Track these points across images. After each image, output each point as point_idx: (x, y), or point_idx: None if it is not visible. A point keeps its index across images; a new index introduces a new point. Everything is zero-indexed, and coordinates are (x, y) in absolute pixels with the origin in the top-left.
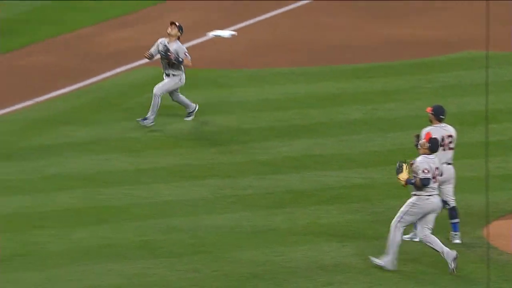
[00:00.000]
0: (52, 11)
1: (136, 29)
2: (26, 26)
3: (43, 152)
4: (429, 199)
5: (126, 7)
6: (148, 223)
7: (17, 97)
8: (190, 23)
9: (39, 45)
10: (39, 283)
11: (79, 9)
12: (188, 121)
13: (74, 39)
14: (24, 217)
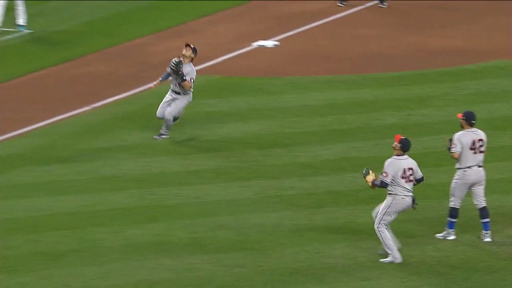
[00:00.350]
0: (108, 24)
1: (185, 39)
2: (84, 37)
3: (99, 155)
4: (404, 198)
5: (175, 19)
6: (197, 221)
7: (76, 103)
8: (236, 34)
9: (96, 55)
10: (95, 277)
11: (132, 21)
12: (225, 127)
13: (128, 49)
14: (81, 215)
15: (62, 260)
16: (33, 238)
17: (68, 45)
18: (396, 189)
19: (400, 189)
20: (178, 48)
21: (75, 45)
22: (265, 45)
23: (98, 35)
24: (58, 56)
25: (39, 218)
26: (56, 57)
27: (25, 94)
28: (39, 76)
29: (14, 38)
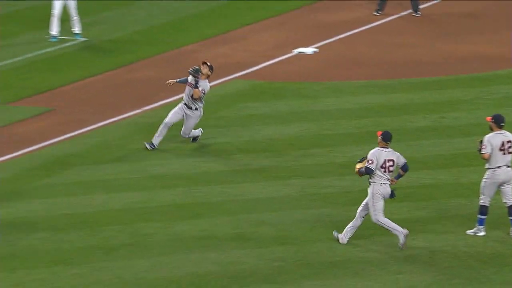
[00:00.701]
0: (157, 32)
1: (229, 47)
2: (135, 45)
3: (149, 155)
4: (382, 185)
5: (220, 28)
6: (240, 218)
7: (127, 107)
8: (277, 42)
9: (146, 61)
10: (145, 269)
11: (180, 30)
12: (268, 129)
13: (176, 56)
14: (132, 212)
15: (114, 253)
16: (88, 232)
17: (120, 52)
18: (374, 178)
19: (378, 177)
20: (223, 54)
21: (127, 52)
22: (305, 51)
23: (148, 43)
24: (111, 62)
25: (94, 214)
26: (109, 64)
27: (81, 98)
28: (93, 81)
29: (71, 46)
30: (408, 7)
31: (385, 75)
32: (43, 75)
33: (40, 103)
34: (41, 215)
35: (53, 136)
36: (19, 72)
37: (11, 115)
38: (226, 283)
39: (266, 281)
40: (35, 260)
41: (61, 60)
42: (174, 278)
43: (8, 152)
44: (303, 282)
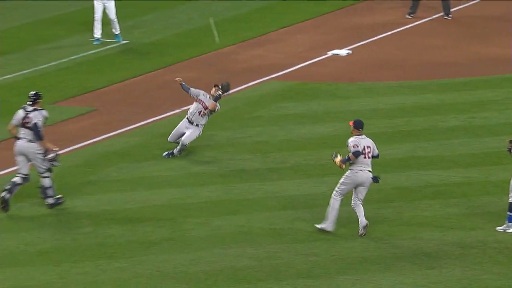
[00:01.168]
0: (196, 35)
1: (265, 49)
2: (174, 47)
3: (189, 152)
4: (358, 173)
5: (257, 30)
6: (276, 214)
7: (167, 106)
8: (312, 44)
9: (185, 63)
10: (185, 263)
11: (218, 32)
12: (302, 128)
13: (214, 58)
14: (172, 208)
15: (155, 247)
16: (130, 228)
17: (160, 54)
18: (353, 165)
19: (356, 164)
20: (260, 56)
21: (166, 54)
22: (339, 53)
23: (188, 45)
24: (151, 64)
25: (135, 210)
26: (149, 65)
27: (123, 98)
28: (134, 82)
29: (113, 48)
30: (440, 10)
31: (416, 76)
32: (87, 77)
33: (84, 103)
34: (85, 211)
35: (96, 134)
36: (64, 74)
37: (56, 114)
38: (262, 277)
39: (301, 276)
40: (79, 254)
41: (103, 62)
42: (212, 272)
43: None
44: (336, 276)
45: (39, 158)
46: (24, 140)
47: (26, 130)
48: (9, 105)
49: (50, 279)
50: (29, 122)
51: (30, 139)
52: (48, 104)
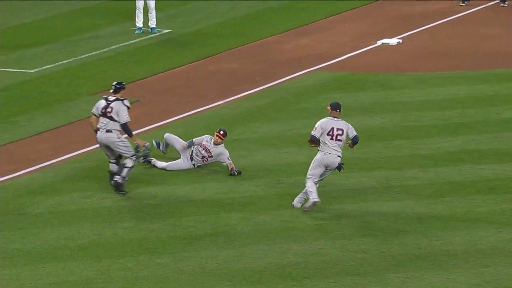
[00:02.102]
0: (239, 24)
1: (312, 38)
2: (217, 37)
3: (232, 145)
4: (326, 155)
5: (303, 19)
6: (323, 209)
7: (210, 98)
8: (361, 33)
9: (228, 53)
10: (228, 259)
11: (262, 21)
12: (350, 120)
13: (258, 48)
14: (215, 202)
15: (198, 243)
16: (172, 222)
17: (203, 44)
18: (321, 146)
19: (324, 146)
20: (306, 45)
21: (210, 44)
22: (388, 42)
23: (231, 35)
24: (194, 54)
25: (177, 204)
26: (192, 55)
27: (164, 89)
28: (176, 72)
29: (154, 38)
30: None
31: (470, 66)
32: (128, 67)
33: (125, 94)
34: (126, 205)
35: (138, 126)
36: (105, 64)
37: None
38: (308, 274)
39: (349, 273)
40: (120, 249)
41: (145, 52)
42: (257, 269)
43: (94, 142)
44: (386, 274)
45: (121, 145)
46: (103, 131)
47: (106, 119)
48: (49, 97)
49: (91, 275)
50: (110, 111)
51: (108, 129)
52: (88, 95)
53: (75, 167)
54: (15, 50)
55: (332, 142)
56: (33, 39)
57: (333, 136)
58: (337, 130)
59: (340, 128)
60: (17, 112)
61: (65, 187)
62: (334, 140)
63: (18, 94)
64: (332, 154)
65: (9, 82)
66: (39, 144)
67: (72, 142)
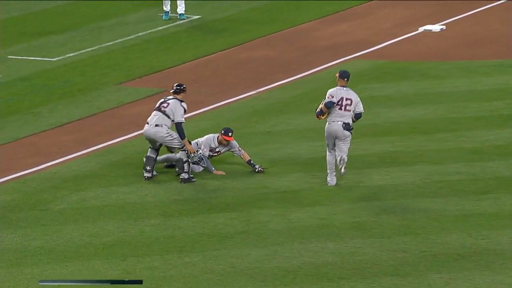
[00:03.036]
0: (273, 10)
1: (350, 24)
2: (249, 23)
3: (264, 138)
4: (330, 124)
5: (340, 4)
6: (361, 205)
7: (242, 87)
8: (401, 19)
9: (261, 40)
10: (260, 258)
11: (298, 7)
12: (390, 111)
13: (293, 34)
14: (246, 198)
15: (228, 241)
16: (201, 219)
17: (235, 31)
18: (329, 116)
19: (330, 116)
20: (343, 32)
21: (242, 30)
22: (431, 29)
23: (264, 21)
24: (225, 41)
25: (207, 200)
26: (223, 42)
27: (194, 79)
28: (206, 61)
29: (184, 24)
30: None
31: None
32: (155, 55)
33: (152, 84)
34: (152, 201)
35: None
36: (131, 52)
37: (122, 96)
38: (345, 274)
39: (388, 273)
40: (146, 247)
41: (173, 39)
42: (291, 269)
43: (119, 134)
44: (428, 274)
45: (170, 140)
46: (152, 125)
47: (158, 113)
48: (72, 86)
49: (116, 274)
50: (166, 107)
51: (158, 123)
52: (114, 85)
53: (99, 160)
54: (37, 37)
55: (340, 112)
56: (56, 25)
57: (342, 106)
58: (346, 100)
59: (349, 98)
60: (39, 103)
61: (89, 181)
62: (343, 110)
63: (40, 83)
64: (336, 122)
65: (31, 71)
66: (62, 136)
67: (96, 134)
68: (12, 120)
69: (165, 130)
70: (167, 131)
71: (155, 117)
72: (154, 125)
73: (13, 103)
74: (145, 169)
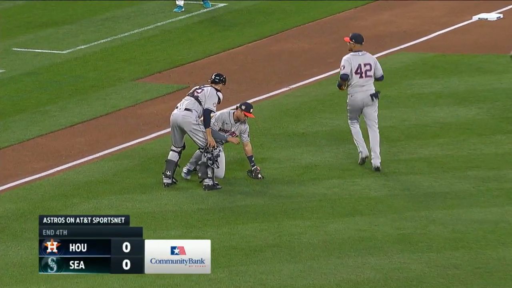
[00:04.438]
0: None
1: (394, 13)
2: (282, 12)
3: (297, 140)
4: (353, 95)
5: None
6: (406, 216)
7: (273, 83)
8: (452, 6)
9: (295, 30)
10: (293, 275)
11: None
12: (440, 111)
13: (330, 24)
14: (278, 207)
15: (257, 255)
16: (227, 231)
17: (265, 21)
18: (349, 89)
19: (352, 87)
20: (386, 22)
21: (273, 20)
22: (487, 18)
23: (297, 10)
24: (254, 32)
25: (233, 209)
26: (252, 34)
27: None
28: (233, 54)
29: (208, 13)
30: None
31: None
32: (176, 47)
33: (172, 80)
34: (172, 210)
35: None
36: (149, 44)
37: (140, 93)
38: None
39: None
40: None
41: (196, 30)
42: (327, 286)
43: (136, 136)
44: None
45: (197, 131)
46: (181, 108)
47: (190, 98)
48: (84, 82)
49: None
50: (199, 92)
51: (188, 107)
52: (130, 81)
53: (113, 165)
54: (45, 28)
55: (361, 80)
56: (66, 14)
57: (362, 73)
58: (364, 66)
59: (367, 63)
60: (48, 100)
61: (102, 188)
62: (364, 77)
63: (49, 79)
64: (362, 91)
65: (39, 64)
66: (73, 138)
67: (110, 136)
68: (17, 119)
69: (195, 116)
70: (196, 119)
71: (185, 101)
72: (184, 109)
73: (18, 101)
74: (164, 174)
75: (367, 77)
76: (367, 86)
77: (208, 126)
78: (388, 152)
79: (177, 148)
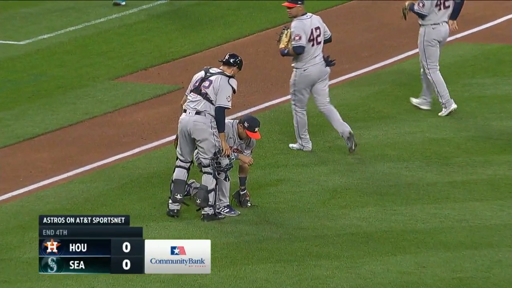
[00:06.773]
0: None
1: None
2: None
3: (323, 156)
4: (306, 70)
5: None
6: (463, 255)
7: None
8: None
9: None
10: None
11: None
12: (507, 120)
13: (364, 8)
14: (298, 243)
15: None
16: (232, 273)
17: (278, 4)
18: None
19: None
20: None
21: None
22: None
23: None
24: (265, 18)
25: (240, 245)
26: (263, 20)
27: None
28: (238, 46)
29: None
30: None
31: None
32: (167, 37)
33: (162, 79)
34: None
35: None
36: (132, 33)
37: (119, 95)
38: None
39: None
40: None
41: (192, 16)
42: None
43: (116, 151)
44: None
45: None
46: (191, 112)
47: (198, 96)
48: (48, 82)
49: None
50: (207, 86)
51: (199, 110)
52: (107, 80)
53: (86, 188)
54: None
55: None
56: None
57: (314, 40)
58: (315, 30)
59: (317, 27)
60: (1, 106)
61: None
62: (316, 45)
63: (2, 77)
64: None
65: None
66: (33, 154)
67: (82, 151)
68: None
69: (209, 121)
70: (211, 125)
71: (194, 102)
72: (195, 113)
73: None
74: (173, 198)
75: (318, 44)
76: (319, 56)
77: (223, 129)
78: (440, 172)
79: (185, 163)
